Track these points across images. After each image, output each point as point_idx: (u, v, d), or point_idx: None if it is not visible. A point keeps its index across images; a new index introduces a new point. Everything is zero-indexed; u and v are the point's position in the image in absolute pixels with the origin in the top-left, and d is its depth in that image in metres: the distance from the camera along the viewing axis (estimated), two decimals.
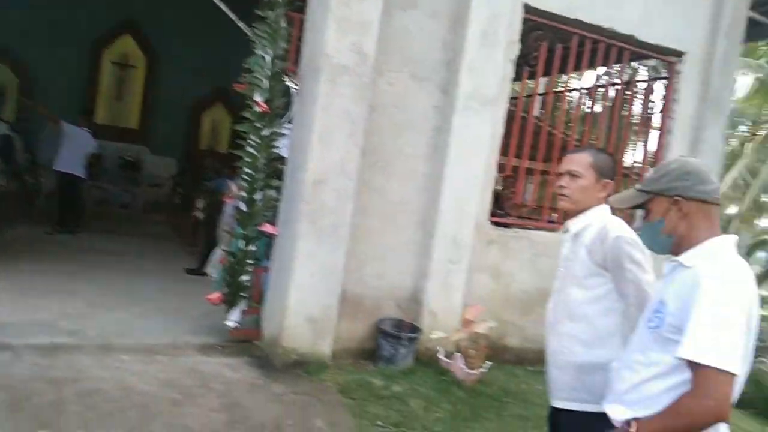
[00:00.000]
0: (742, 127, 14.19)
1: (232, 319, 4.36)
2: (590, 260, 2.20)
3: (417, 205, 4.69)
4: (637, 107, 6.58)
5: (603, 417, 1.83)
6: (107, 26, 10.61)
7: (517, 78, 5.22)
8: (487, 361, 4.42)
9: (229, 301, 4.35)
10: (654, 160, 5.64)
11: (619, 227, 2.17)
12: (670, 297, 1.70)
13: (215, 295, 4.31)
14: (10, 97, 10.14)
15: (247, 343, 4.40)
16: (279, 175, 4.48)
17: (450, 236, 4.66)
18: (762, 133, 12.71)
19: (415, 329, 4.49)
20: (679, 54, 5.51)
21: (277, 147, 4.46)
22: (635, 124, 5.85)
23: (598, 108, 6.36)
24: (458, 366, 4.32)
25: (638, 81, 5.99)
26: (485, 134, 4.75)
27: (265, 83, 4.35)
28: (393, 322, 4.57)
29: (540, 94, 5.85)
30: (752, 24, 5.78)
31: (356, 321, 4.51)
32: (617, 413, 1.77)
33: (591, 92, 5.86)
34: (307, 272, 4.10)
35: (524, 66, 5.10)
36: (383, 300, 4.63)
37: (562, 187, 2.29)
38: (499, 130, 4.93)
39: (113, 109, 10.82)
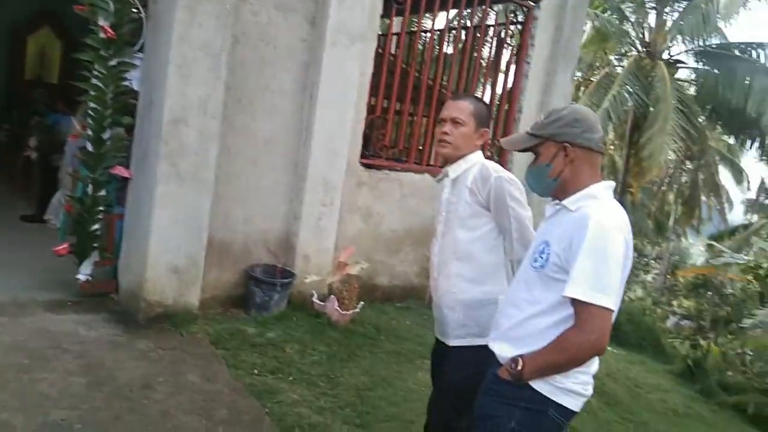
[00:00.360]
0: (578, 73, 15.43)
1: (83, 272, 3.94)
2: (473, 201, 2.25)
3: (286, 145, 4.49)
4: (490, 51, 6.76)
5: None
6: None
7: (385, 15, 5.10)
8: (360, 302, 4.47)
9: (79, 253, 3.91)
10: (510, 103, 5.90)
11: (498, 168, 2.26)
12: (554, 238, 1.77)
13: (62, 247, 3.84)
14: None
15: (103, 297, 4.02)
16: (130, 111, 4.01)
17: (321, 178, 4.55)
18: (595, 78, 13.91)
19: (288, 274, 4.38)
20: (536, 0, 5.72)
21: (127, 79, 3.97)
22: (487, 68, 6.02)
23: (450, 50, 6.47)
24: (332, 308, 4.32)
25: (494, 24, 6.16)
26: (355, 72, 4.62)
27: (111, 5, 3.80)
28: (264, 268, 4.43)
29: (407, 32, 5.78)
30: None
31: (224, 268, 4.30)
32: (503, 350, 1.85)
33: (444, 34, 5.91)
34: (169, 219, 3.78)
35: (392, 2, 4.99)
36: (253, 245, 4.45)
37: (444, 134, 2.29)
38: (369, 68, 4.82)
39: None
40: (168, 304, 3.83)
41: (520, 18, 6.08)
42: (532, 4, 5.73)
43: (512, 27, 6.07)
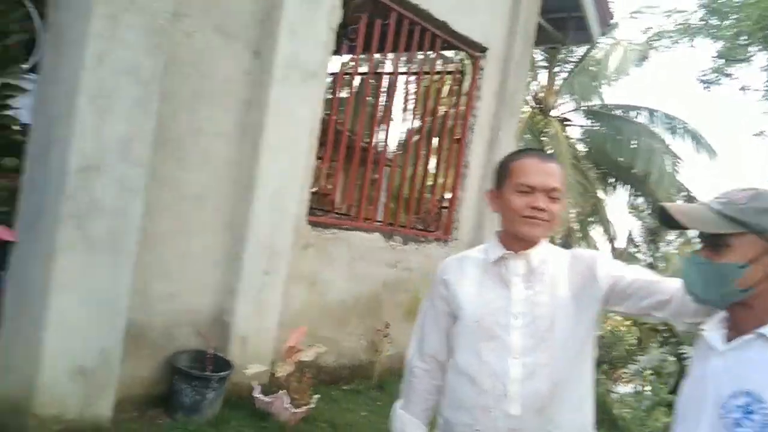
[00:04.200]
0: None
1: None
2: (574, 300, 1.62)
3: (221, 201, 3.61)
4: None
5: None
6: None
7: (335, 53, 4.46)
8: (314, 394, 3.63)
9: None
10: (457, 159, 5.45)
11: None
12: (762, 387, 1.18)
13: None
14: None
15: None
16: (16, 150, 2.95)
17: (265, 241, 3.71)
18: None
19: (222, 363, 3.44)
20: (483, 49, 5.39)
21: (12, 107, 2.93)
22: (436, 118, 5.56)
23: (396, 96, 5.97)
24: (281, 406, 3.43)
25: (443, 72, 5.74)
26: (307, 114, 3.90)
27: None
28: (191, 355, 3.46)
29: (360, 74, 5.18)
30: (540, 29, 6.00)
31: (140, 358, 3.27)
32: None
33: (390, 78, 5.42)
34: (74, 301, 2.74)
35: (344, 39, 4.37)
36: (177, 327, 3.46)
37: (539, 210, 1.62)
38: (319, 111, 4.12)
39: None
40: (69, 419, 2.74)
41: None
42: (480, 54, 5.39)
43: (458, 76, 5.70)
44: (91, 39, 2.73)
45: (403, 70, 5.60)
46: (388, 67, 6.51)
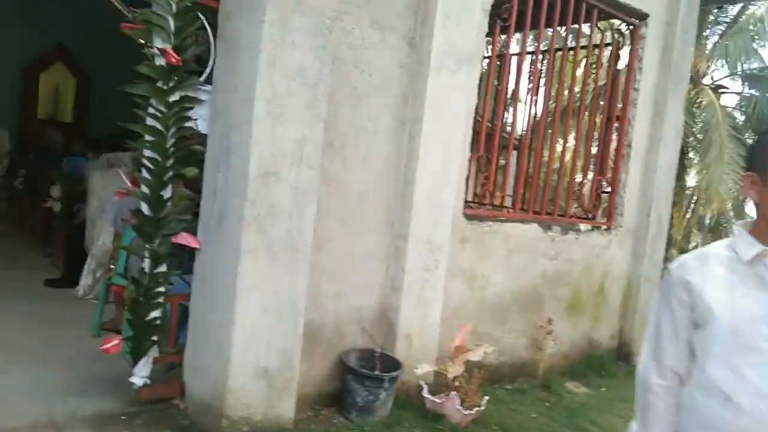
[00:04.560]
0: None
1: (140, 373, 2.94)
2: None
3: (381, 199, 3.55)
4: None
5: None
6: None
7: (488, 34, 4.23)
8: (485, 396, 3.49)
9: (134, 350, 2.91)
10: (618, 138, 5.01)
11: None
12: None
13: (112, 344, 2.82)
14: None
15: (164, 403, 3.02)
16: (195, 160, 3.07)
17: (424, 236, 3.61)
18: None
19: (390, 362, 3.40)
20: (644, 16, 4.89)
21: (191, 118, 3.04)
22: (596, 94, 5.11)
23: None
24: (453, 407, 3.33)
25: (600, 45, 5.26)
26: (463, 103, 3.73)
27: (170, 22, 2.89)
28: (358, 353, 3.45)
29: (514, 54, 4.92)
30: None
31: (314, 358, 3.31)
32: None
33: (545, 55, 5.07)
34: (257, 303, 2.81)
35: (496, 19, 4.12)
36: (346, 326, 3.47)
37: None
38: (473, 99, 3.94)
39: None
40: (256, 420, 2.83)
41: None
42: (640, 21, 4.90)
43: (616, 48, 5.22)
44: (263, 44, 2.74)
45: (557, 46, 5.18)
46: (531, 47, 6.13)
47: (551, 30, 4.71)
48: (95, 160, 5.28)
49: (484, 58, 4.38)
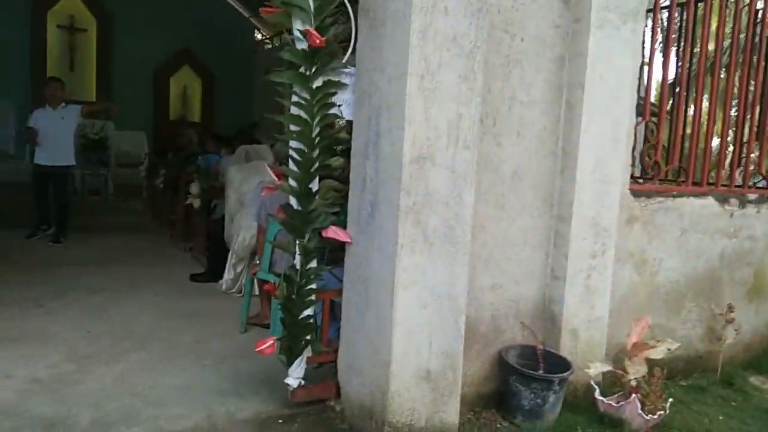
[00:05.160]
0: None
1: (295, 374, 2.83)
2: None
3: (538, 177, 3.17)
4: None
5: None
6: None
7: None
8: (669, 399, 3.06)
9: (289, 350, 2.81)
10: None
11: None
12: None
13: (267, 345, 2.71)
14: None
15: (318, 405, 2.90)
16: (341, 149, 2.88)
17: (590, 218, 3.20)
18: None
19: (554, 360, 3.06)
20: None
21: (334, 104, 2.83)
22: None
23: None
24: (634, 412, 2.93)
25: None
26: (628, 64, 3.24)
27: (310, 1, 2.68)
28: (519, 350, 3.14)
29: (680, 4, 4.28)
30: None
31: (471, 356, 3.03)
32: None
33: None
34: (416, 300, 2.58)
35: None
36: (503, 320, 3.16)
37: None
38: (639, 56, 3.42)
39: (66, 81, 8.84)
40: (420, 426, 2.61)
41: None
42: None
43: None
44: (414, 13, 2.46)
45: None
46: None
47: None
48: (230, 156, 5.37)
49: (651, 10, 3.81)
